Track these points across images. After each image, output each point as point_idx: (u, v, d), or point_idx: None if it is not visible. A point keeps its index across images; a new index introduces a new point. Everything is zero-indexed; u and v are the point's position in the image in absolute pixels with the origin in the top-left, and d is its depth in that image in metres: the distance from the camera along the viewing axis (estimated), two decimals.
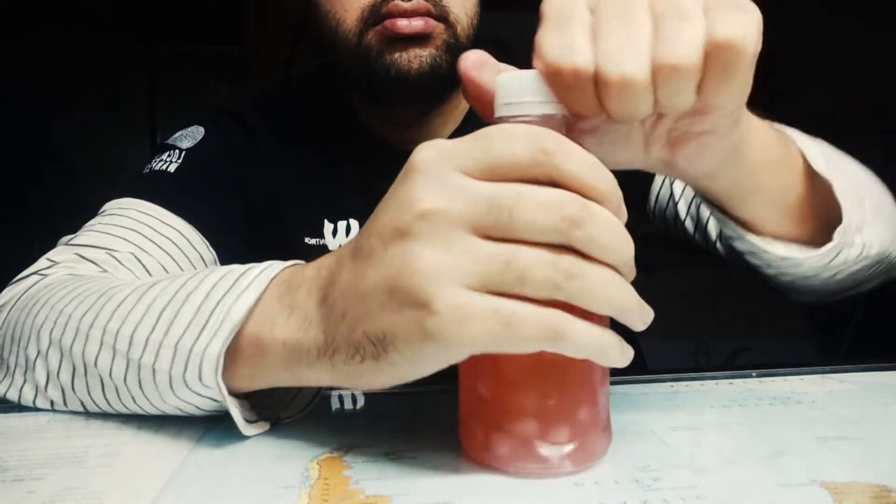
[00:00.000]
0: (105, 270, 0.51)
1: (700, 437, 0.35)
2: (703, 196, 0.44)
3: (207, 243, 0.58)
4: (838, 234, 0.43)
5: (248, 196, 0.63)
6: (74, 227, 0.55)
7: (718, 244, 0.62)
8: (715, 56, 0.28)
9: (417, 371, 0.29)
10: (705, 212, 0.62)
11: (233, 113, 0.66)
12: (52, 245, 0.54)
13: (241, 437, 0.36)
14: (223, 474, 0.32)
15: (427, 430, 0.37)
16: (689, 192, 0.64)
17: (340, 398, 0.44)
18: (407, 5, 0.53)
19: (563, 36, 0.29)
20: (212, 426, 0.38)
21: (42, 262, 0.51)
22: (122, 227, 0.54)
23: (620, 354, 0.29)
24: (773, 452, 0.33)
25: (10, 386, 0.43)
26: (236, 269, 0.36)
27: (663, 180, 0.66)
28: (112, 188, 0.59)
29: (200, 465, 0.33)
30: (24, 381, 0.42)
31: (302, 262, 0.36)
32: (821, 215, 0.45)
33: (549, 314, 0.27)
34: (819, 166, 0.43)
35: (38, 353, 0.41)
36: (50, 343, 0.40)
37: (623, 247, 0.28)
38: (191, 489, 0.31)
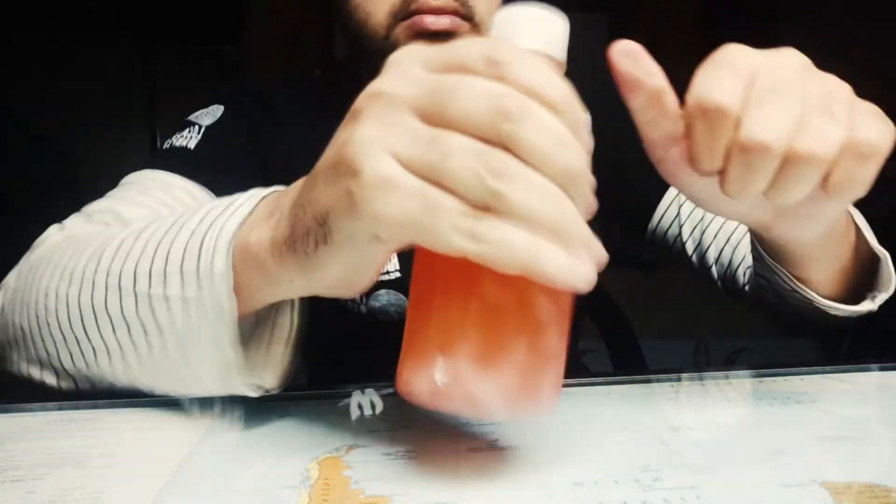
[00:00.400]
0: None
1: (700, 437, 0.35)
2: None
3: None
4: (879, 299, 0.49)
5: (269, 170, 0.63)
6: None
7: (714, 269, 0.63)
8: (849, 155, 0.31)
9: (360, 256, 0.30)
10: (708, 237, 0.64)
11: (254, 91, 0.68)
12: None
13: (241, 437, 0.37)
14: (223, 474, 0.32)
15: (427, 430, 0.37)
16: (696, 216, 0.65)
17: (360, 406, 0.44)
18: (436, 3, 0.54)
19: (724, 79, 0.31)
20: (212, 426, 0.38)
21: (52, 228, 0.52)
22: (137, 193, 0.55)
23: (568, 273, 0.25)
24: (773, 452, 0.33)
25: (26, 361, 0.44)
26: (227, 198, 0.37)
27: (672, 201, 0.67)
28: (112, 187, 0.59)
29: (200, 466, 0.33)
30: (36, 350, 0.43)
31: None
32: (857, 277, 0.50)
33: (471, 210, 0.26)
34: (873, 242, 0.49)
35: (48, 310, 0.42)
36: (57, 299, 0.41)
37: (563, 157, 0.26)
38: (191, 489, 0.31)
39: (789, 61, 0.32)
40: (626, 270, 0.78)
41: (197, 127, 0.63)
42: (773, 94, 0.31)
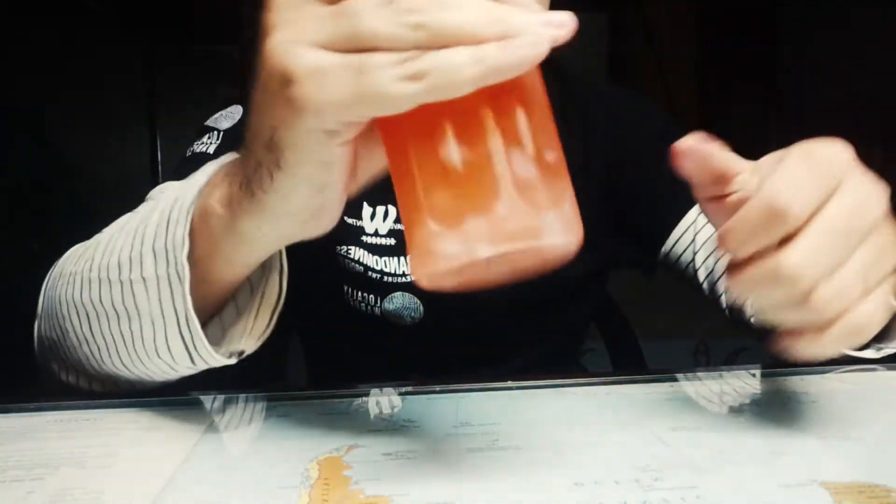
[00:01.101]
0: None
1: (700, 437, 0.35)
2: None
3: None
4: (885, 351, 0.47)
5: None
6: (74, 227, 0.55)
7: (724, 298, 0.63)
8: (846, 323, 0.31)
9: (318, 170, 0.29)
10: (721, 267, 0.64)
11: None
12: (52, 245, 0.54)
13: (241, 437, 0.37)
14: (223, 475, 0.32)
15: (427, 430, 0.37)
16: (711, 245, 0.65)
17: (378, 404, 0.44)
18: None
19: (805, 190, 0.30)
20: (212, 426, 0.38)
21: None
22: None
23: (504, 49, 0.25)
24: (773, 452, 0.33)
25: (65, 371, 0.46)
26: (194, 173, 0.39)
27: (688, 226, 0.67)
28: (112, 187, 0.59)
29: (200, 466, 0.33)
30: (67, 358, 0.45)
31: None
32: None
33: (406, 55, 0.25)
34: None
35: (62, 318, 0.43)
36: (67, 305, 0.43)
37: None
38: (190, 489, 0.31)
39: (868, 206, 0.31)
40: (626, 271, 0.78)
41: (216, 132, 0.63)
42: (834, 235, 0.30)
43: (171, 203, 0.38)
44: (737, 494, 0.29)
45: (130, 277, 0.38)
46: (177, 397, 0.43)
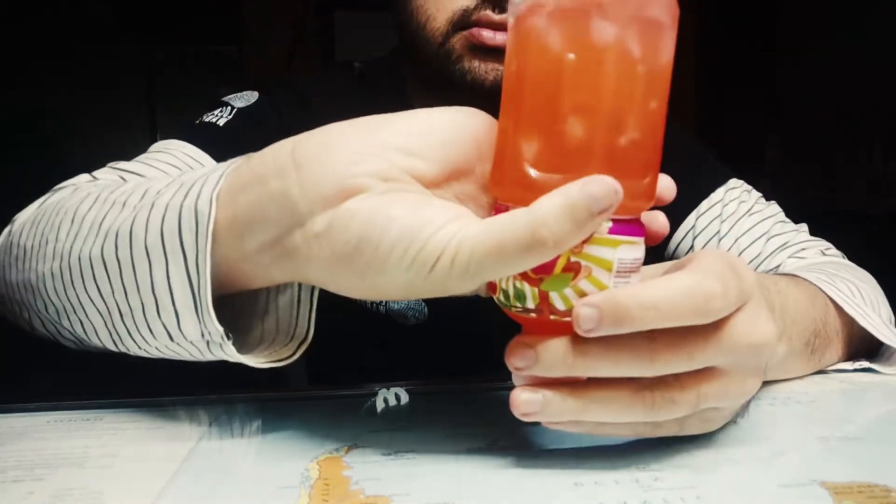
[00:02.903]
0: None
1: (700, 437, 0.35)
2: None
3: None
4: (883, 367, 0.48)
5: None
6: None
7: None
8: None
9: None
10: None
11: (289, 84, 0.68)
12: None
13: (241, 437, 0.37)
14: (223, 475, 0.32)
15: (427, 430, 0.37)
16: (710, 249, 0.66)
17: (385, 400, 0.44)
18: (497, 18, 0.54)
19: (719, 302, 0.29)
20: (212, 426, 0.38)
21: (83, 177, 0.52)
22: (167, 163, 0.56)
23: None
24: (773, 452, 0.33)
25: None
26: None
27: (686, 232, 0.69)
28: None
29: (200, 466, 0.33)
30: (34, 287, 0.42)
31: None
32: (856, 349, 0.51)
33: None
34: (883, 335, 0.47)
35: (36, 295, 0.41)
36: (54, 257, 0.39)
37: None
38: (190, 489, 0.31)
39: (754, 352, 0.31)
40: None
41: (229, 108, 0.63)
42: (710, 348, 0.29)
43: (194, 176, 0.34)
44: (737, 494, 0.29)
45: (143, 203, 0.35)
46: (177, 397, 0.43)
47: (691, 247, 0.68)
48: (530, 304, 0.29)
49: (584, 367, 0.29)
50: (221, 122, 0.61)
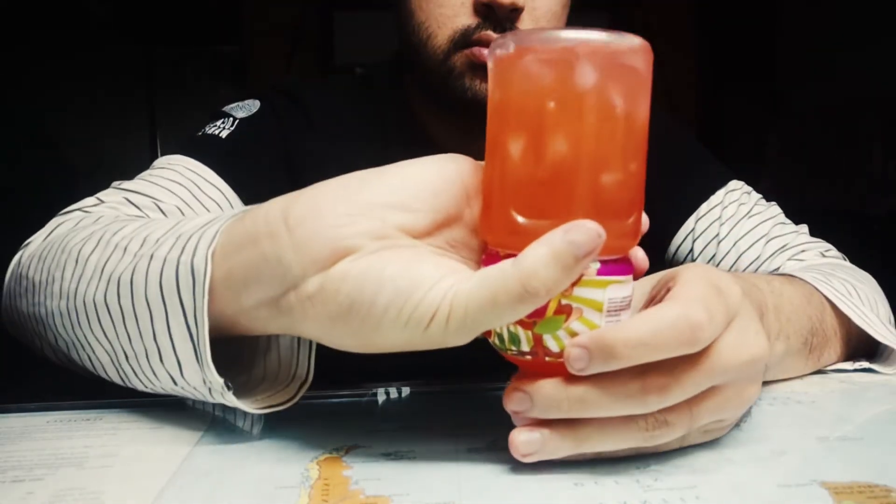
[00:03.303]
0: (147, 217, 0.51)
1: None
2: None
3: None
4: (882, 367, 0.48)
5: (296, 173, 0.64)
6: None
7: None
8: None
9: None
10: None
11: (290, 92, 0.68)
12: None
13: (241, 437, 0.36)
14: (223, 475, 0.32)
15: (427, 430, 0.37)
16: (709, 253, 0.67)
17: (387, 391, 0.44)
18: (497, 36, 0.54)
19: (711, 323, 0.29)
20: (212, 426, 0.38)
21: (89, 200, 0.52)
22: (171, 180, 0.55)
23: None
24: (773, 452, 0.33)
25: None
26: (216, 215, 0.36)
27: (686, 235, 0.69)
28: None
29: (200, 466, 0.33)
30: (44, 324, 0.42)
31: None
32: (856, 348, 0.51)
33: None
34: (880, 334, 0.47)
35: (53, 301, 0.41)
36: (61, 296, 0.40)
37: None
38: (190, 489, 0.31)
39: (747, 367, 0.31)
40: None
41: (231, 119, 0.63)
42: (701, 376, 0.29)
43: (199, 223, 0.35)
44: (736, 494, 0.29)
45: (141, 253, 0.35)
46: (177, 397, 0.43)
47: (690, 250, 0.68)
48: (525, 347, 0.30)
49: (579, 409, 0.29)
50: (224, 134, 0.61)
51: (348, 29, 2.75)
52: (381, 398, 0.43)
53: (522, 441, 0.30)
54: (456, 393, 0.44)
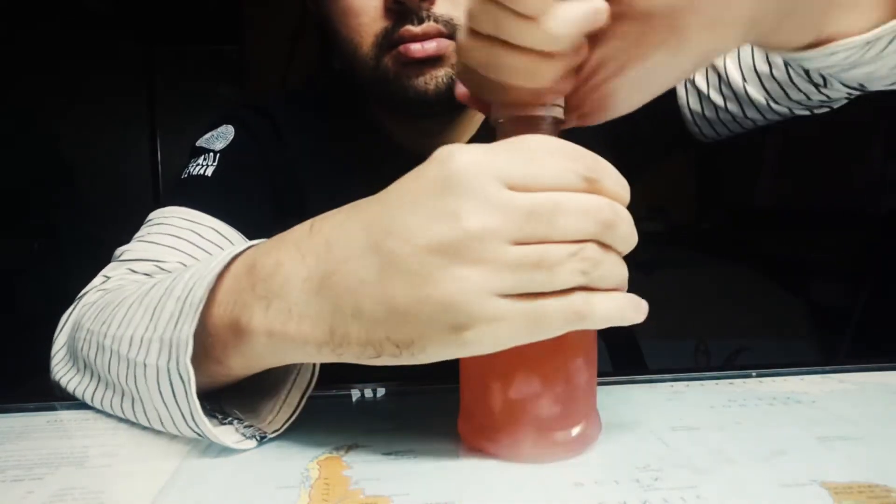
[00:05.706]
0: None
1: (700, 437, 0.35)
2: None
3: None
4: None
5: (278, 192, 0.64)
6: (73, 228, 0.55)
7: (754, 92, 0.59)
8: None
9: (432, 360, 0.31)
10: (735, 78, 0.59)
11: (261, 110, 0.67)
12: (52, 245, 0.54)
13: None
14: (222, 474, 0.32)
15: (427, 430, 0.37)
16: (713, 81, 0.61)
17: (362, 392, 0.45)
18: (418, 30, 0.54)
19: None
20: None
21: (97, 280, 0.52)
22: (168, 235, 0.55)
23: (635, 312, 0.31)
24: (773, 452, 0.33)
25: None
26: (214, 257, 0.37)
27: (686, 95, 0.63)
28: (112, 187, 0.59)
29: (200, 466, 0.33)
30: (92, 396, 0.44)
31: (263, 240, 0.36)
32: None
33: (572, 300, 0.29)
34: None
35: (82, 374, 0.43)
36: (85, 364, 0.43)
37: (635, 238, 0.31)
38: (190, 489, 0.31)
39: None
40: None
41: (211, 154, 0.63)
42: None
43: (182, 290, 0.36)
44: (737, 494, 0.29)
45: (136, 360, 0.37)
46: None
47: (697, 92, 0.61)
48: None
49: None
50: (209, 173, 0.61)
51: None
52: (354, 396, 0.44)
53: None
54: (455, 393, 0.44)
